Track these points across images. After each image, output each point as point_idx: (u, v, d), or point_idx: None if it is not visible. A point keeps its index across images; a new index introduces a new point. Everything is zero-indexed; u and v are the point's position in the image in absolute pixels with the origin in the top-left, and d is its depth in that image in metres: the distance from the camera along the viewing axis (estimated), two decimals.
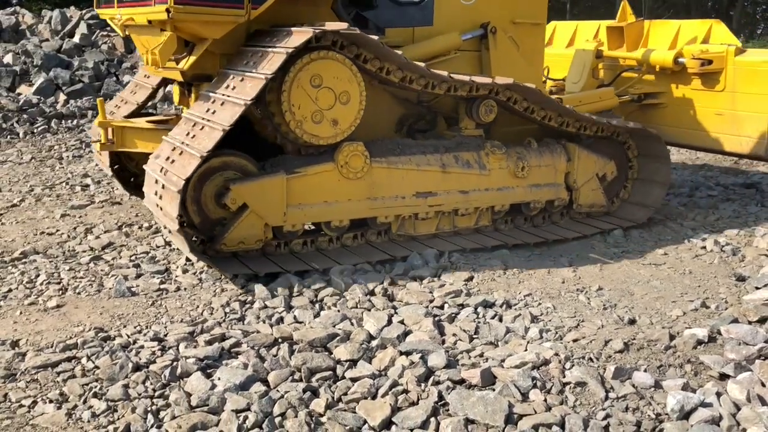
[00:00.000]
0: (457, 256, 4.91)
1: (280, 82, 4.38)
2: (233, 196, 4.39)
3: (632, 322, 3.94)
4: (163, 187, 4.28)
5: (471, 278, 4.57)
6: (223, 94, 4.42)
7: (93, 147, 6.27)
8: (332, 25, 4.36)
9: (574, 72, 7.01)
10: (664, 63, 6.57)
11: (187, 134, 4.43)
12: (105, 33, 13.45)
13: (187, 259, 4.80)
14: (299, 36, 4.30)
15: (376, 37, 4.56)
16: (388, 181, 4.87)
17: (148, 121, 5.42)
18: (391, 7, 5.31)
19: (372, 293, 4.28)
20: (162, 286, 4.36)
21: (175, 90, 5.51)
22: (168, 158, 4.39)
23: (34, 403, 2.98)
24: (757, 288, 4.35)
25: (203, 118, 4.41)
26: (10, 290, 4.25)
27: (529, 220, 5.65)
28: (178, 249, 5.05)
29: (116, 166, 5.92)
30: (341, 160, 4.66)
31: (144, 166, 4.66)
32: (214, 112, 4.38)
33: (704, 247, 5.31)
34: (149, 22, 4.65)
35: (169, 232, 4.42)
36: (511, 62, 5.71)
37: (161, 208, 4.31)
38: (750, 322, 3.80)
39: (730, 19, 36.68)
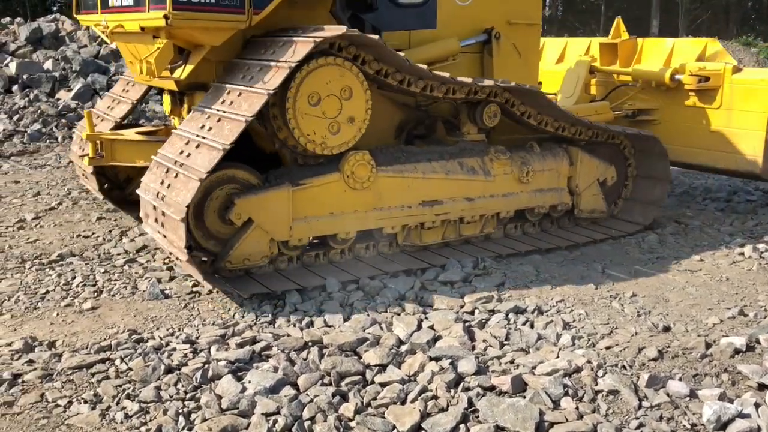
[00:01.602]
0: (489, 262, 4.88)
1: (283, 93, 4.22)
2: (238, 210, 4.20)
3: (667, 329, 3.86)
4: (163, 214, 4.09)
5: (502, 284, 4.53)
6: (220, 110, 4.23)
7: (77, 165, 6.05)
8: (332, 30, 4.21)
9: (568, 86, 6.98)
10: (660, 79, 6.57)
11: (181, 153, 4.21)
12: None
13: None
14: (301, 47, 4.14)
15: (377, 37, 4.40)
16: (394, 190, 4.74)
17: (138, 133, 5.31)
18: (392, 9, 5.17)
19: (403, 298, 4.27)
20: (194, 289, 4.41)
21: (165, 100, 5.31)
22: (163, 182, 4.18)
23: (70, 403, 3.03)
24: None
25: (198, 136, 4.20)
26: (47, 292, 4.34)
27: (537, 225, 5.59)
28: None
29: (105, 185, 5.81)
30: (347, 169, 4.51)
31: (137, 191, 4.47)
32: (210, 129, 4.17)
33: (742, 254, 5.19)
34: (142, 29, 4.46)
35: (177, 258, 4.32)
36: (513, 66, 5.70)
37: (164, 236, 4.15)
38: None
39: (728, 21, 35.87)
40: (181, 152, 4.21)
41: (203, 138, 4.14)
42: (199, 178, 3.90)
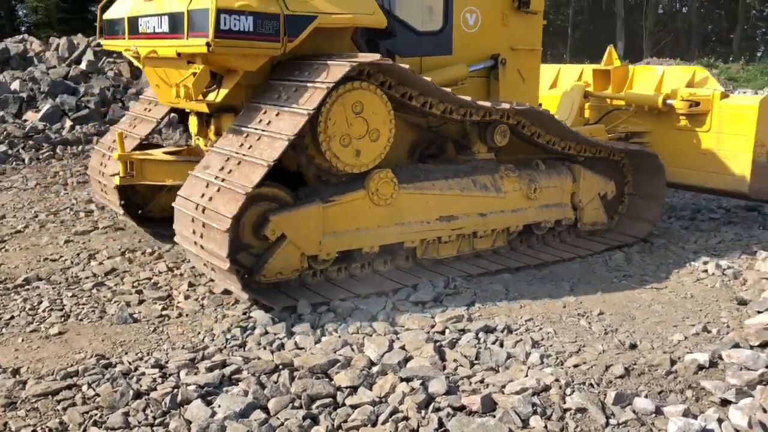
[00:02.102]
0: (460, 281, 4.92)
1: (315, 114, 4.36)
2: (273, 226, 4.39)
3: (633, 346, 3.93)
4: (203, 225, 4.25)
5: (473, 303, 4.57)
6: (259, 129, 4.42)
7: (95, 180, 6.20)
8: (366, 57, 4.45)
9: (563, 110, 7.23)
10: (653, 104, 6.88)
11: (222, 169, 4.40)
12: (111, 60, 13.61)
13: (190, 285, 4.83)
14: (337, 70, 4.32)
15: (407, 67, 4.63)
16: (414, 206, 4.98)
17: (165, 153, 5.48)
18: (410, 36, 5.37)
19: (374, 319, 4.29)
20: (164, 313, 4.38)
21: (192, 121, 5.46)
22: (203, 195, 4.34)
23: None
24: (759, 312, 4.33)
25: (238, 153, 4.38)
26: (12, 317, 4.28)
27: (541, 239, 5.86)
28: (180, 274, 5.08)
29: (122, 203, 5.89)
30: (372, 187, 4.74)
31: (173, 204, 4.63)
32: (250, 147, 4.36)
33: (706, 271, 5.30)
34: (178, 54, 4.62)
35: (212, 270, 4.43)
36: (517, 90, 6.04)
37: (203, 247, 4.29)
38: (752, 347, 3.79)
39: (731, 43, 36.92)
40: (222, 168, 4.40)
41: (244, 155, 4.33)
42: (245, 192, 4.09)
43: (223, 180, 4.30)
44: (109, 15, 5.61)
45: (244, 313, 4.32)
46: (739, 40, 36.95)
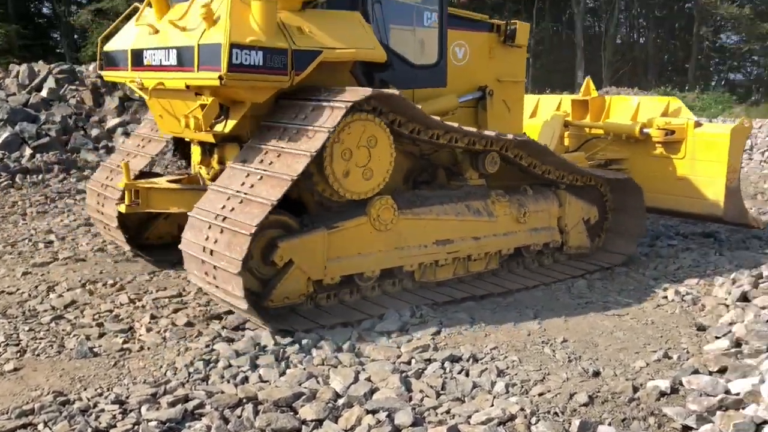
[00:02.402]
0: (426, 310, 4.93)
1: (320, 151, 4.48)
2: (281, 252, 4.51)
3: (597, 374, 3.97)
4: (215, 268, 4.33)
5: (438, 332, 4.58)
6: (260, 169, 4.53)
7: (97, 219, 6.24)
8: (359, 92, 4.59)
9: (544, 138, 7.46)
10: (630, 132, 7.22)
11: (223, 207, 4.49)
12: (73, 87, 13.45)
13: (152, 317, 4.75)
14: (336, 113, 4.49)
15: (418, 107, 4.90)
16: (413, 231, 5.16)
17: (169, 181, 5.58)
18: (407, 69, 5.59)
19: (339, 350, 4.26)
20: (125, 346, 4.29)
21: (194, 151, 5.59)
22: (207, 238, 4.41)
23: None
24: (717, 337, 4.43)
25: (239, 192, 4.48)
26: None
27: (535, 261, 6.10)
28: (142, 306, 5.00)
29: (126, 236, 5.94)
30: (373, 213, 4.90)
31: (180, 247, 4.68)
32: (252, 186, 4.47)
33: (666, 297, 5.40)
34: (187, 87, 4.74)
35: (231, 305, 4.53)
36: (503, 119, 6.38)
37: (217, 287, 4.39)
38: (711, 373, 3.86)
39: (686, 72, 38.06)
40: (223, 207, 4.48)
41: (245, 194, 4.43)
42: (249, 232, 4.17)
43: (224, 219, 4.37)
44: (110, 47, 5.68)
45: (207, 346, 4.26)
46: (694, 70, 38.09)
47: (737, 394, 3.43)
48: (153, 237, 6.29)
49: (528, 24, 6.93)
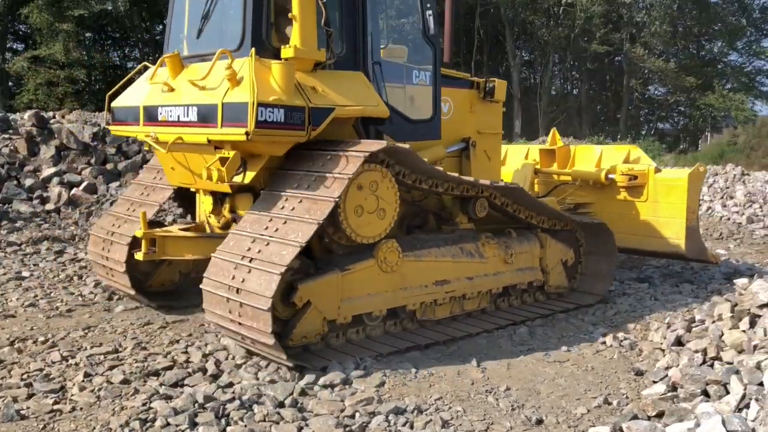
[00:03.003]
0: (370, 361, 4.89)
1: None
2: (300, 294, 4.80)
3: (539, 422, 4.00)
4: (241, 305, 4.56)
5: (382, 384, 4.55)
6: (282, 214, 4.85)
7: (99, 265, 6.34)
8: (375, 145, 4.98)
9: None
10: (596, 178, 7.80)
11: (249, 250, 4.74)
12: (6, 136, 13.07)
13: (86, 375, 4.56)
14: (354, 161, 4.85)
15: (426, 161, 5.35)
16: (415, 272, 5.50)
17: (181, 230, 5.86)
18: (404, 123, 6.01)
19: (281, 405, 4.18)
20: (55, 407, 4.11)
21: (205, 200, 5.87)
22: (234, 277, 4.65)
23: None
24: (654, 382, 4.53)
25: (264, 235, 4.76)
26: None
27: (519, 299, 6.51)
28: (75, 364, 4.81)
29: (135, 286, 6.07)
30: (381, 255, 5.24)
31: (201, 286, 4.93)
32: (277, 230, 4.75)
33: (604, 343, 5.52)
34: (209, 141, 5.03)
35: (251, 343, 4.74)
36: (484, 168, 6.90)
37: (240, 324, 4.61)
38: (649, 418, 3.93)
39: (618, 122, 39.68)
40: (249, 249, 4.76)
41: (271, 237, 4.73)
42: (280, 271, 4.45)
43: (251, 260, 4.65)
44: (119, 103, 5.99)
45: (144, 404, 4.12)
46: (625, 120, 39.78)
47: None
48: (155, 284, 6.46)
49: (505, 81, 7.43)
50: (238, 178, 5.19)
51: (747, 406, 3.62)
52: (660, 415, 3.94)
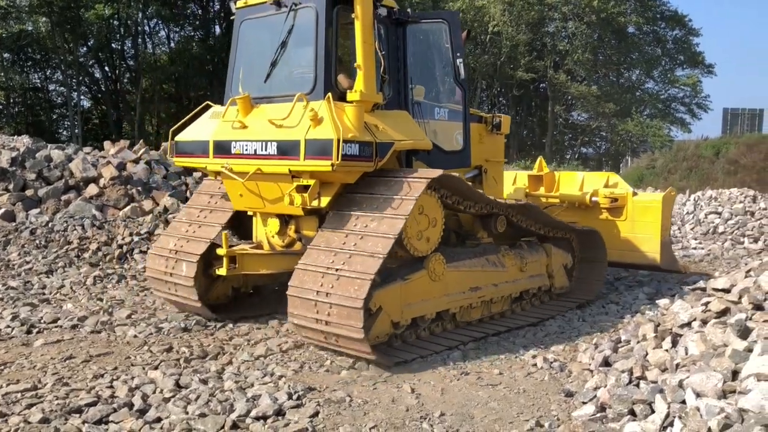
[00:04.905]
0: (302, 391, 4.82)
1: None
2: (375, 300, 5.54)
3: None
4: (330, 306, 5.30)
5: (317, 413, 4.48)
6: (357, 230, 5.64)
7: (161, 284, 6.97)
8: (432, 173, 5.86)
9: None
10: (581, 201, 8.94)
11: (332, 262, 5.49)
12: None
13: (1, 415, 4.31)
14: (417, 185, 5.72)
15: (465, 181, 6.41)
16: (455, 280, 6.38)
17: (252, 248, 6.67)
18: (440, 154, 6.91)
19: None
20: None
21: (272, 223, 6.71)
22: (322, 285, 5.40)
23: None
24: (584, 402, 4.62)
25: (343, 250, 5.54)
26: None
27: (529, 301, 7.49)
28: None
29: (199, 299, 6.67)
30: (431, 266, 6.08)
31: (287, 293, 5.65)
32: (355, 244, 5.53)
33: (535, 365, 5.61)
34: (290, 172, 5.82)
35: (338, 339, 5.41)
36: (493, 191, 7.77)
37: (327, 323, 5.33)
38: None
39: (544, 147, 40.91)
40: (332, 261, 5.53)
41: (351, 250, 5.52)
42: (370, 278, 5.25)
43: (337, 270, 5.42)
44: (184, 137, 6.79)
45: None
46: (550, 145, 41.08)
47: None
48: (212, 298, 7.04)
49: (509, 116, 8.56)
50: (315, 203, 5.94)
51: (671, 424, 3.74)
52: None
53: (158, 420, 4.32)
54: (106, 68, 34.43)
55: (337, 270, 5.41)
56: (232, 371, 5.32)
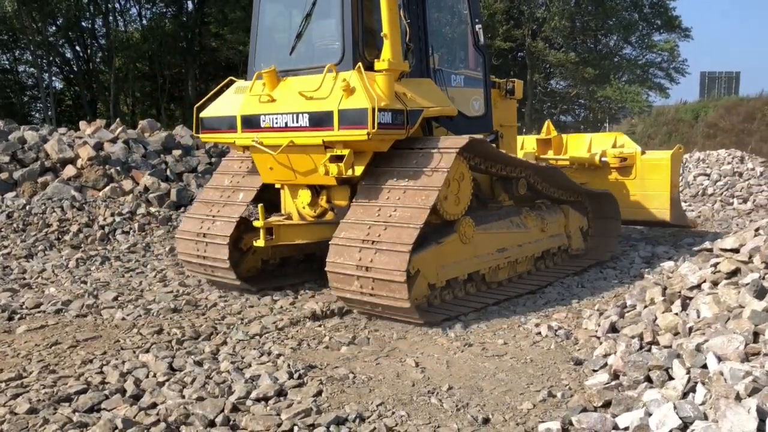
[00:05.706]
0: (304, 370, 4.63)
1: None
2: (413, 264, 5.61)
3: (486, 420, 3.86)
4: (373, 280, 5.45)
5: (320, 392, 4.29)
6: (391, 203, 5.75)
7: (192, 245, 6.96)
8: (461, 140, 5.90)
9: None
10: (591, 161, 9.09)
11: (368, 234, 5.62)
12: None
13: None
14: (448, 156, 5.79)
15: (493, 146, 6.65)
16: (483, 242, 6.52)
17: (284, 219, 6.78)
18: (464, 119, 7.01)
19: (212, 424, 3.85)
20: None
21: (303, 194, 6.68)
22: (361, 258, 5.51)
23: None
24: (595, 371, 4.49)
25: (378, 222, 5.65)
26: None
27: (551, 258, 7.69)
28: None
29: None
30: (461, 230, 6.21)
31: (326, 269, 5.77)
32: (390, 216, 5.65)
33: (540, 333, 5.46)
34: (324, 142, 5.88)
35: (383, 309, 5.65)
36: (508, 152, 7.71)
37: (371, 294, 5.53)
38: (596, 408, 3.86)
39: (523, 116, 40.75)
40: (368, 234, 5.64)
41: (387, 222, 5.64)
42: (408, 249, 5.37)
43: (373, 242, 5.55)
44: (210, 113, 6.80)
45: None
46: (530, 113, 40.90)
47: (626, 429, 3.43)
48: (243, 271, 7.06)
49: (522, 81, 8.55)
50: (349, 172, 5.96)
51: (693, 390, 3.60)
52: (606, 404, 3.87)
53: (153, 405, 4.10)
54: (77, 48, 33.57)
55: (373, 243, 5.53)
56: (227, 351, 5.10)
